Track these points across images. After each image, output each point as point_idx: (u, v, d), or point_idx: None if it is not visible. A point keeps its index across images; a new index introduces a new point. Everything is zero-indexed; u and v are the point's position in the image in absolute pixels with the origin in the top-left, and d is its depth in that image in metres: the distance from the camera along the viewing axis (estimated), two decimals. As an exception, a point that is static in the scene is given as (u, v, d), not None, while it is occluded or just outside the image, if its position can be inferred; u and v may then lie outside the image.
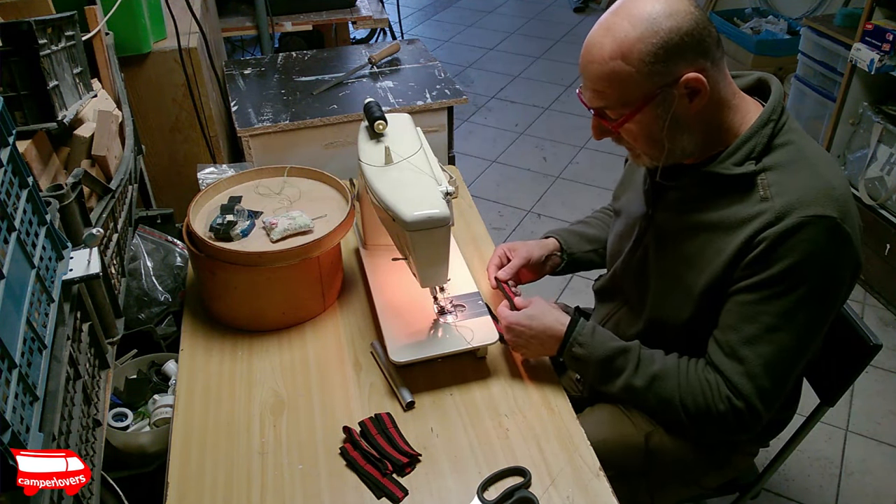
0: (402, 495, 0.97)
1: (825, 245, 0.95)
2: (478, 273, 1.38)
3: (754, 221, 0.97)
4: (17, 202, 0.80)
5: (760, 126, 1.00)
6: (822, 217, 0.94)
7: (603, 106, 1.00)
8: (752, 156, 1.00)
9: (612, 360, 1.09)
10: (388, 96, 2.01)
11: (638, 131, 1.00)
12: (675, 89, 0.95)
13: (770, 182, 0.99)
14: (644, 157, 1.05)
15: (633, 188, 1.23)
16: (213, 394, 1.13)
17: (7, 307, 0.69)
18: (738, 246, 0.99)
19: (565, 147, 3.42)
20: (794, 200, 0.95)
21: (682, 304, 1.08)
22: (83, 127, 1.17)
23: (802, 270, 0.95)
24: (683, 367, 1.07)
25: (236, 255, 1.16)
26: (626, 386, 1.09)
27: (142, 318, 1.51)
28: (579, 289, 2.56)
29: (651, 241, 1.15)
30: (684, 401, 1.05)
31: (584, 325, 1.12)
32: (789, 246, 0.95)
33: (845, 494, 1.84)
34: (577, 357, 1.11)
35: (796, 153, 1.00)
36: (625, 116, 0.98)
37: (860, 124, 2.49)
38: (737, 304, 1.01)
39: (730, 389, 1.02)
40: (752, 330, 0.99)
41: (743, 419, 1.02)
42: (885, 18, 2.34)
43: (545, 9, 5.29)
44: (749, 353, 1.00)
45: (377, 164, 1.14)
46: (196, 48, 1.83)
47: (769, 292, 0.97)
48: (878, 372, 2.19)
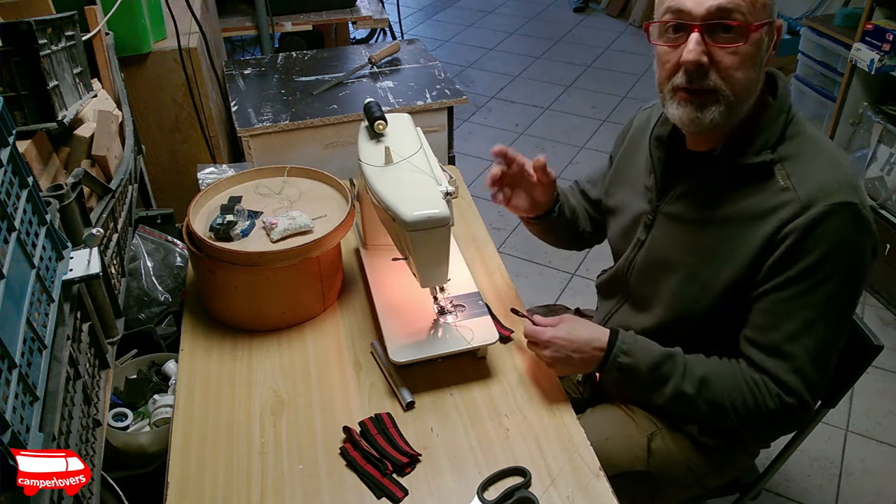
0: (402, 495, 0.97)
1: (851, 231, 0.96)
2: (478, 273, 1.38)
3: (780, 212, 0.98)
4: (17, 202, 0.80)
5: (776, 117, 1.02)
6: (846, 204, 0.95)
7: (734, 7, 0.93)
8: (768, 145, 1.01)
9: (659, 367, 1.06)
10: (388, 96, 2.01)
11: (745, 54, 0.95)
12: (772, 28, 0.98)
13: (789, 172, 1.00)
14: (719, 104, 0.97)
15: (629, 186, 1.22)
16: (213, 394, 1.13)
17: (7, 307, 0.69)
18: (764, 238, 0.99)
19: (565, 147, 3.42)
20: (817, 189, 0.96)
21: (701, 297, 1.07)
22: (83, 127, 1.17)
23: (834, 259, 0.96)
24: (728, 368, 1.06)
25: (236, 255, 1.16)
26: (677, 393, 1.05)
27: (142, 318, 1.51)
28: (579, 289, 2.56)
29: (658, 237, 1.14)
30: (734, 403, 1.04)
31: (626, 334, 1.09)
32: (818, 236, 0.96)
33: (845, 494, 1.84)
34: (623, 367, 1.07)
35: (809, 143, 1.02)
36: (756, 25, 0.94)
37: (860, 124, 2.49)
38: (773, 302, 1.01)
39: (779, 387, 1.02)
40: (794, 326, 1.00)
41: (794, 414, 1.03)
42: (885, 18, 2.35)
43: (545, 9, 5.29)
44: (794, 349, 1.00)
45: (377, 164, 1.14)
46: (196, 48, 1.83)
47: (805, 285, 0.98)
48: (878, 372, 2.19)
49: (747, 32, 0.94)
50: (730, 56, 0.95)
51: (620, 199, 1.25)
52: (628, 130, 1.29)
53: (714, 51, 0.95)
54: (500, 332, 1.20)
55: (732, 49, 0.95)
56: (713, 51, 0.95)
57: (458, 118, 3.53)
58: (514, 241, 2.81)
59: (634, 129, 1.27)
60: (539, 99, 3.90)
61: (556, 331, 1.09)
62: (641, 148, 1.21)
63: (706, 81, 0.96)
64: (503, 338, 1.22)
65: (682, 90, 0.99)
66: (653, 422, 1.21)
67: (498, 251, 1.47)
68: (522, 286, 2.54)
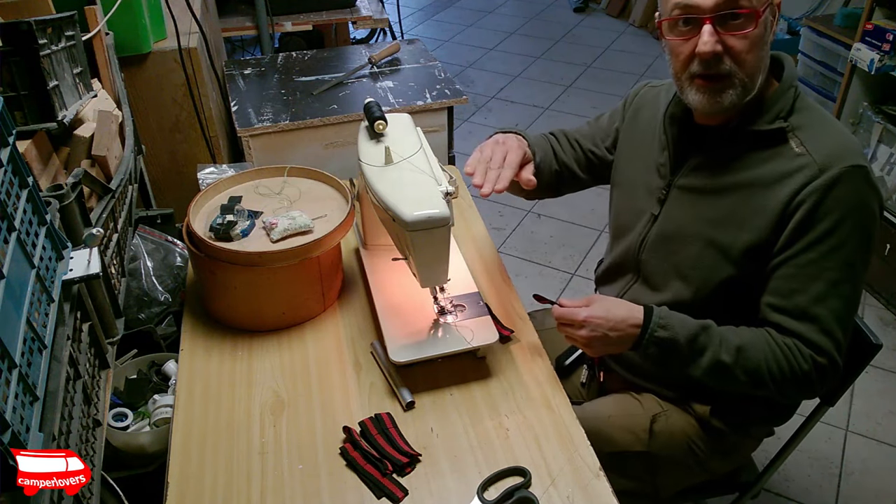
0: (402, 495, 0.97)
1: (864, 192, 1.01)
2: (478, 273, 1.38)
3: (797, 175, 1.02)
4: (17, 202, 0.80)
5: (785, 90, 1.07)
6: (858, 167, 1.00)
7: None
8: (781, 115, 1.06)
9: (696, 338, 1.06)
10: (388, 96, 2.01)
11: (755, 37, 1.00)
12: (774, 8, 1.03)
13: (802, 138, 1.05)
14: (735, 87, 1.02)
15: (639, 161, 1.23)
16: (213, 394, 1.13)
17: (7, 307, 0.69)
18: (783, 201, 1.02)
19: (565, 147, 3.41)
20: (831, 154, 1.01)
21: (720, 264, 1.09)
22: (83, 127, 1.17)
23: (851, 218, 1.01)
24: (758, 335, 1.07)
25: (236, 255, 1.16)
26: (715, 363, 1.05)
27: (142, 318, 1.51)
28: (579, 289, 2.56)
29: (672, 209, 1.16)
30: (770, 368, 1.05)
31: (658, 308, 1.08)
32: (835, 197, 1.00)
33: (845, 494, 1.84)
34: (661, 341, 1.06)
35: (818, 114, 1.08)
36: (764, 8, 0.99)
37: (860, 124, 2.49)
38: (796, 267, 1.03)
39: (810, 348, 1.04)
40: (819, 287, 1.02)
41: (826, 374, 1.05)
42: (885, 18, 2.35)
43: (545, 9, 5.29)
44: (821, 311, 1.03)
45: (377, 164, 1.14)
46: (196, 48, 1.83)
47: (827, 247, 1.01)
48: (878, 372, 2.19)
49: (756, 17, 0.99)
50: (741, 41, 1.00)
51: (630, 175, 1.26)
52: (630, 103, 1.31)
53: (726, 38, 1.00)
54: (500, 332, 1.20)
55: (743, 34, 1.00)
56: (725, 38, 1.00)
57: (458, 118, 3.53)
58: (514, 241, 2.81)
59: (637, 104, 1.29)
60: (539, 99, 3.90)
61: (591, 310, 1.07)
62: (649, 126, 1.23)
63: (722, 67, 1.02)
64: (503, 338, 1.22)
65: (700, 77, 1.04)
66: (659, 404, 1.21)
67: (498, 251, 1.47)
68: (522, 286, 2.54)
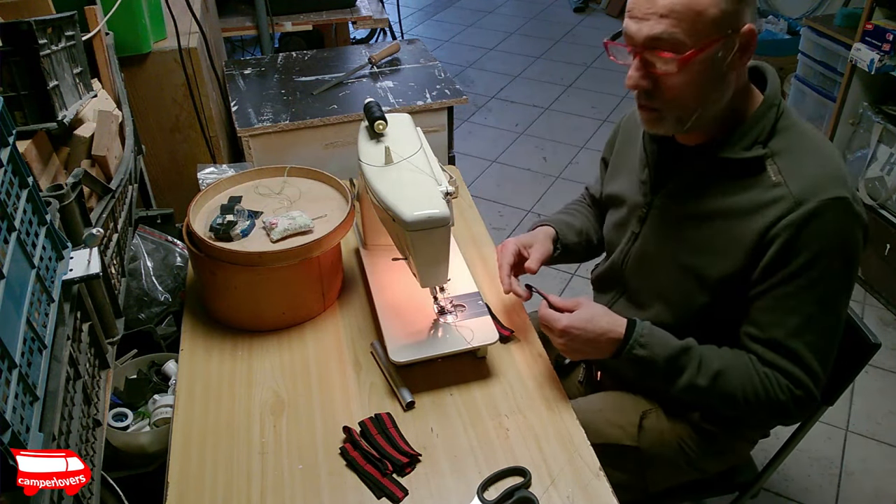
0: (402, 495, 0.97)
1: (844, 225, 0.97)
2: (478, 273, 1.38)
3: (772, 207, 0.99)
4: (17, 202, 0.80)
5: (766, 110, 1.02)
6: (839, 199, 0.96)
7: (667, 37, 0.92)
8: (760, 140, 1.01)
9: (676, 360, 1.06)
10: (388, 96, 2.01)
11: (687, 78, 0.95)
12: (736, 38, 0.93)
13: (780, 167, 1.00)
14: (668, 120, 1.00)
15: (626, 176, 1.22)
16: (213, 394, 1.13)
17: (7, 307, 0.69)
18: (758, 233, 0.99)
19: (565, 147, 3.42)
20: (808, 185, 0.97)
21: (696, 291, 1.08)
22: (83, 127, 1.17)
23: (829, 254, 0.97)
24: (741, 361, 1.06)
25: (236, 255, 1.16)
26: (690, 385, 1.06)
27: (142, 318, 1.51)
28: (580, 289, 2.56)
29: (652, 230, 1.14)
30: (746, 395, 1.05)
31: (642, 325, 1.08)
32: (811, 232, 0.96)
33: (845, 494, 1.84)
34: (638, 359, 1.06)
35: (799, 137, 1.02)
36: (691, 53, 0.92)
37: (860, 124, 2.49)
38: (773, 300, 1.01)
39: (788, 380, 1.03)
40: (795, 321, 1.01)
41: (803, 405, 1.04)
42: (885, 18, 2.35)
43: (545, 9, 5.29)
44: (798, 345, 1.02)
45: (377, 164, 1.14)
46: (196, 48, 1.83)
47: (803, 281, 0.99)
48: (877, 372, 2.19)
49: (681, 62, 0.93)
50: (671, 79, 0.95)
51: (617, 190, 1.25)
52: (617, 131, 1.31)
53: (656, 74, 0.96)
54: (500, 332, 1.20)
55: (668, 76, 0.95)
56: (656, 74, 0.96)
57: (458, 118, 3.53)
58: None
59: (626, 124, 1.28)
60: (539, 99, 3.90)
61: (572, 319, 1.07)
62: (634, 142, 1.22)
63: (652, 102, 1.00)
64: (503, 338, 1.22)
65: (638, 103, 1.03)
66: (650, 403, 1.21)
67: (498, 251, 1.46)
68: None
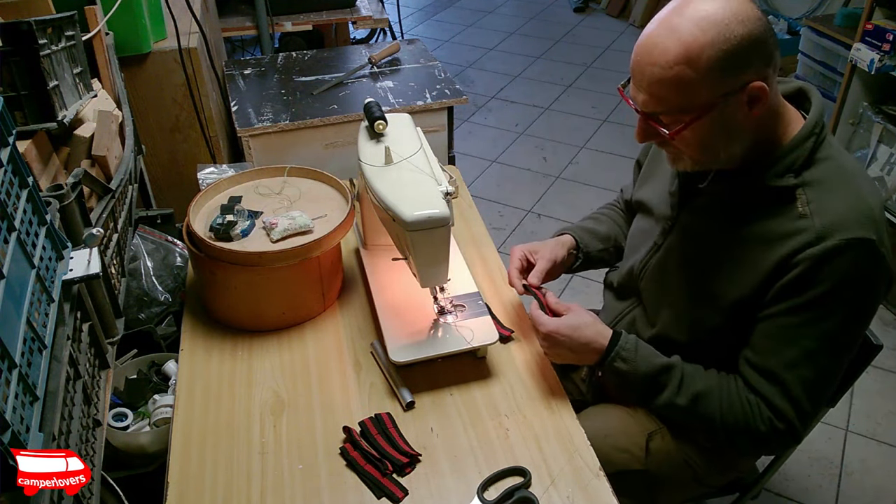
0: (402, 495, 0.97)
1: (864, 268, 0.93)
2: (478, 273, 1.38)
3: (792, 239, 0.95)
4: (17, 202, 0.80)
5: (803, 139, 0.97)
6: (862, 240, 0.92)
7: (659, 112, 0.94)
8: (793, 168, 0.97)
9: (655, 378, 1.06)
10: (388, 96, 2.01)
11: (692, 138, 0.94)
12: (739, 96, 0.90)
13: (809, 198, 0.96)
14: (686, 161, 1.00)
15: (658, 183, 1.21)
16: (213, 394, 1.13)
17: (7, 307, 0.69)
18: (774, 262, 0.96)
19: (565, 147, 3.42)
20: (834, 221, 0.93)
21: (710, 312, 1.06)
22: (83, 127, 1.17)
23: (843, 294, 0.94)
24: (725, 385, 1.05)
25: (236, 255, 1.16)
26: (668, 404, 1.06)
27: (142, 318, 1.51)
28: (580, 289, 2.56)
29: (674, 245, 1.13)
30: (725, 420, 1.04)
31: (626, 339, 1.08)
32: (829, 269, 0.93)
33: (845, 494, 1.84)
34: (618, 371, 1.08)
35: (836, 169, 0.98)
36: (682, 125, 0.92)
37: (860, 124, 2.49)
38: (775, 328, 0.99)
39: (771, 411, 1.01)
40: (793, 353, 0.98)
41: (783, 439, 1.02)
42: (885, 18, 2.35)
43: (545, 9, 5.29)
44: (790, 377, 0.99)
45: (377, 164, 1.14)
46: (196, 48, 1.83)
47: (810, 315, 0.96)
48: (878, 372, 2.19)
49: (681, 129, 0.92)
50: (679, 137, 0.95)
51: (647, 197, 1.24)
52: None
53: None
54: (500, 332, 1.20)
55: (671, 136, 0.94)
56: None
57: (458, 118, 3.53)
58: (514, 241, 2.80)
59: None
60: (539, 99, 3.90)
61: (558, 325, 1.09)
62: None
63: (669, 148, 1.01)
64: (503, 338, 1.22)
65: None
66: (654, 421, 1.20)
67: (498, 251, 1.47)
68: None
